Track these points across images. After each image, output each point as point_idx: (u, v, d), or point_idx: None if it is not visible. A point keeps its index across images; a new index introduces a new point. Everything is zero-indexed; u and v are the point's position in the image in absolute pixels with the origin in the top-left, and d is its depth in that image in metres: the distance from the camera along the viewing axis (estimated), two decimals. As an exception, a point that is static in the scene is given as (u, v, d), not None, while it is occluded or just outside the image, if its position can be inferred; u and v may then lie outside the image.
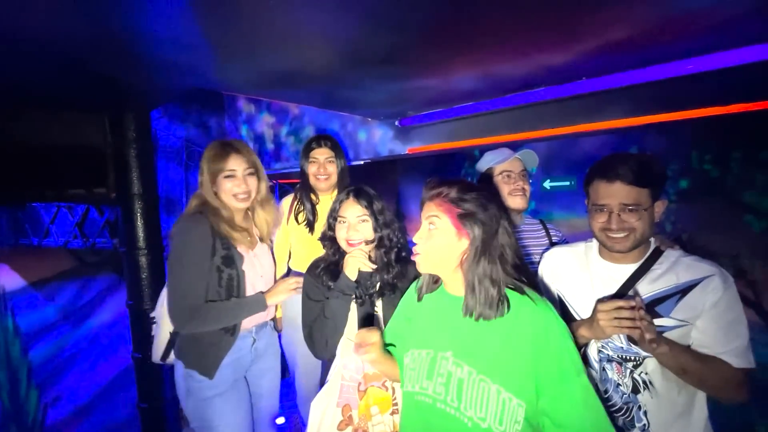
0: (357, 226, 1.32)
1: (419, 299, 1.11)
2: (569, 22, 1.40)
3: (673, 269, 1.09)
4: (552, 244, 1.59)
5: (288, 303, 1.89)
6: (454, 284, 1.03)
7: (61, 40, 1.49)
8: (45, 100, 2.30)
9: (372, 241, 1.34)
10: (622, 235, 1.06)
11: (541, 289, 1.12)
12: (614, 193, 1.05)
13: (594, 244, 1.22)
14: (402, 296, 1.23)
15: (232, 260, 1.46)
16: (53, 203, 3.59)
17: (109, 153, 2.45)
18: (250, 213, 1.61)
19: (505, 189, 1.59)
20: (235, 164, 1.47)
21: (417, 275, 1.17)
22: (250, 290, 1.53)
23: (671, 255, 1.12)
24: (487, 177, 1.65)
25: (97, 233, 3.38)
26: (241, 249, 1.51)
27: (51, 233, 3.73)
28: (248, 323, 1.56)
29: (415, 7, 1.28)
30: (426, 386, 0.99)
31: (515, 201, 1.58)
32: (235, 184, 1.47)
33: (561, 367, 0.89)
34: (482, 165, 1.69)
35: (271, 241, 1.69)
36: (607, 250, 1.14)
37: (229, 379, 1.50)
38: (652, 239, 1.15)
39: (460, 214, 0.95)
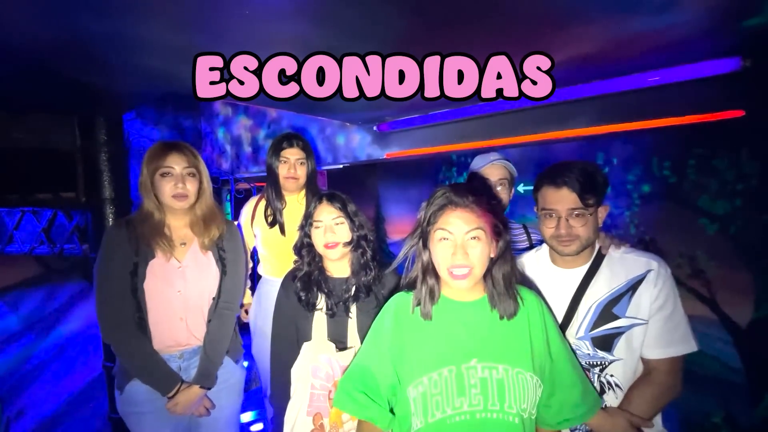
0: (333, 228, 1.32)
1: (428, 318, 0.98)
2: (537, 36, 1.47)
3: (621, 267, 1.17)
4: (531, 248, 1.62)
5: (259, 312, 1.85)
6: (469, 291, 0.99)
7: (28, 43, 1.45)
8: (9, 102, 2.21)
9: (349, 243, 1.34)
10: (570, 239, 1.13)
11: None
12: (562, 198, 1.12)
13: (543, 251, 1.28)
14: (372, 319, 1.11)
15: (136, 270, 1.35)
16: (17, 208, 3.43)
17: (79, 156, 2.38)
18: (191, 219, 1.46)
19: None
20: (173, 162, 1.37)
21: (395, 284, 1.11)
22: (156, 306, 1.37)
23: (615, 253, 1.19)
24: (473, 180, 1.68)
25: (66, 239, 3.25)
26: (159, 257, 1.37)
27: (15, 239, 3.55)
28: (170, 345, 1.40)
29: (388, 20, 1.31)
30: (460, 404, 0.92)
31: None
32: (172, 182, 1.36)
33: (557, 339, 1.02)
34: (471, 167, 1.72)
35: (224, 251, 1.50)
36: (557, 254, 1.21)
37: (140, 399, 1.37)
38: (596, 241, 1.22)
39: (495, 223, 0.96)
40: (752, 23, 1.35)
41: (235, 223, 1.76)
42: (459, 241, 0.92)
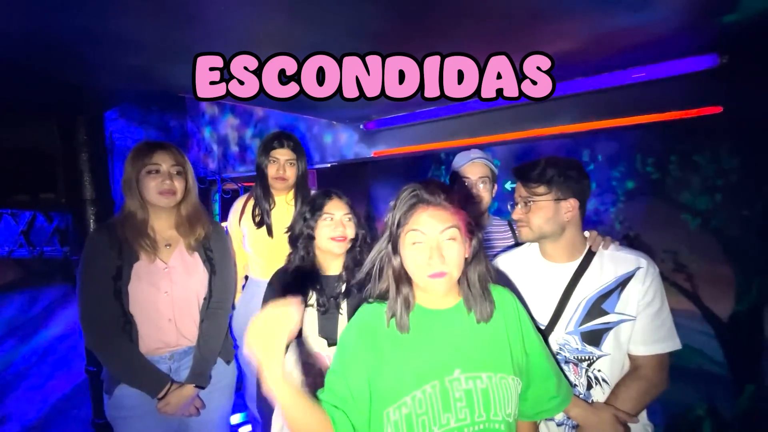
0: (344, 223, 1.35)
1: (404, 330, 0.90)
2: (519, 34, 1.48)
3: (611, 263, 1.18)
4: (517, 245, 1.62)
5: (246, 313, 1.82)
6: (444, 297, 0.93)
7: (2, 40, 1.41)
8: (-16, 101, 2.15)
9: (353, 240, 1.37)
10: (522, 225, 1.22)
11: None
12: (518, 188, 1.23)
13: (534, 245, 1.29)
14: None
15: (120, 274, 1.32)
16: (-5, 210, 3.35)
17: (59, 156, 2.33)
18: (176, 219, 1.44)
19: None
20: (161, 159, 1.36)
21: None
22: (143, 308, 1.35)
23: (605, 250, 1.21)
24: (455, 179, 1.69)
25: (46, 241, 3.18)
26: (143, 260, 1.35)
27: (-6, 242, 3.48)
28: (159, 346, 1.38)
29: (370, 15, 1.30)
30: (446, 420, 0.86)
31: (469, 208, 1.62)
32: (159, 180, 1.35)
33: (531, 333, 1.00)
34: (452, 166, 1.73)
35: (211, 251, 1.48)
36: (532, 243, 1.27)
37: (130, 404, 1.35)
38: (587, 234, 1.24)
39: (468, 221, 0.91)
40: (729, 20, 1.37)
41: (223, 224, 1.73)
42: (434, 242, 0.85)
